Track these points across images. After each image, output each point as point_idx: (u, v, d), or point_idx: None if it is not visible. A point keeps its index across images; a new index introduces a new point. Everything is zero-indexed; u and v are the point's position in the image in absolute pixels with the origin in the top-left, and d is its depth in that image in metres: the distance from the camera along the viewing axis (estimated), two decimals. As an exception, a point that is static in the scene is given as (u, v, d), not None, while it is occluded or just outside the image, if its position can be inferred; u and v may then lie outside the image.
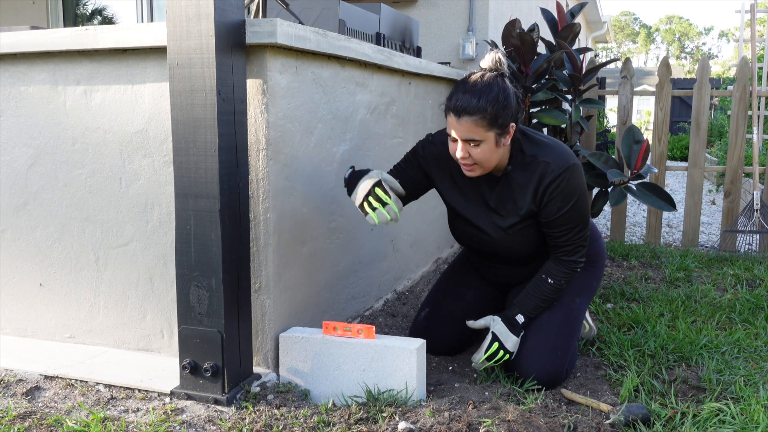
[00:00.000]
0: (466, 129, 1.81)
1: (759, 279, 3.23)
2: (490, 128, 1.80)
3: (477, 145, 1.83)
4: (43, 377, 1.94)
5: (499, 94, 1.79)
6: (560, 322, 2.03)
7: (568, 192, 1.90)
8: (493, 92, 1.79)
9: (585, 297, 2.15)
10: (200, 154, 1.71)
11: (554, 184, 1.89)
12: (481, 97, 1.78)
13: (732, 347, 2.27)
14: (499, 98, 1.79)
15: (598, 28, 14.28)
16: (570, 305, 2.07)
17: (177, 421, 1.69)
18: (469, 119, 1.79)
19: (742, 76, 4.09)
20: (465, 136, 1.82)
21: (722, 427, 1.68)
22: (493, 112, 1.78)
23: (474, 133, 1.81)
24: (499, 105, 1.79)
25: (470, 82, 1.82)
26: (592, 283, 2.20)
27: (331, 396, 1.87)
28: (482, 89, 1.79)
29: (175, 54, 1.70)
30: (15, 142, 2.15)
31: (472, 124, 1.80)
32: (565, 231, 1.95)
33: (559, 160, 1.89)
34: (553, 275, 1.99)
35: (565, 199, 1.90)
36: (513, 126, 1.86)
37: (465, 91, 1.80)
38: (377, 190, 1.90)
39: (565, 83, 3.38)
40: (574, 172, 1.90)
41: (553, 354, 1.97)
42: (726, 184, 4.16)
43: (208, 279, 1.74)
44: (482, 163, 1.87)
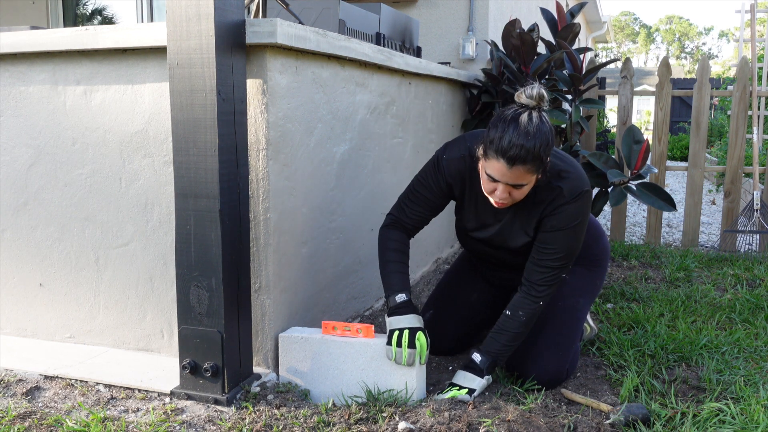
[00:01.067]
0: (516, 176, 1.72)
1: (759, 279, 3.23)
2: (537, 172, 1.74)
3: (520, 188, 1.76)
4: (43, 377, 1.94)
5: (549, 140, 1.70)
6: (562, 322, 2.02)
7: (569, 216, 1.85)
8: (543, 137, 1.68)
9: (588, 297, 2.14)
10: (200, 154, 1.71)
11: (561, 207, 1.84)
12: (535, 144, 1.67)
13: (732, 347, 2.27)
14: (549, 144, 1.71)
15: (598, 28, 14.28)
16: (573, 306, 2.06)
17: (177, 421, 1.69)
18: (522, 168, 1.69)
19: (742, 76, 4.09)
20: (515, 182, 1.73)
21: (722, 427, 1.68)
22: (544, 158, 1.72)
23: (523, 179, 1.73)
24: (547, 151, 1.71)
25: (521, 125, 1.68)
26: (595, 283, 2.18)
27: (331, 396, 1.87)
28: (535, 135, 1.67)
29: (175, 54, 1.70)
30: (15, 142, 2.15)
31: (524, 172, 1.71)
32: (550, 253, 1.88)
33: (573, 189, 1.84)
34: (523, 308, 1.91)
35: (562, 221, 1.85)
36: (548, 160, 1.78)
37: (518, 135, 1.67)
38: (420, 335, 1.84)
39: (565, 83, 3.38)
40: (582, 200, 1.85)
41: (554, 354, 1.97)
42: (726, 184, 4.16)
43: (208, 279, 1.74)
44: (518, 199, 1.82)
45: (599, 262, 2.19)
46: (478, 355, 1.92)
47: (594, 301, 2.24)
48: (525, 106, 1.73)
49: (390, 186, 2.69)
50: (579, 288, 2.11)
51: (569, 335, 2.03)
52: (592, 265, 2.16)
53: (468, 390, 1.86)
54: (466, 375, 1.90)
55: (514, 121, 1.70)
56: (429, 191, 1.99)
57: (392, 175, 2.72)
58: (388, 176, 2.69)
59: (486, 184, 1.80)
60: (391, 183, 2.71)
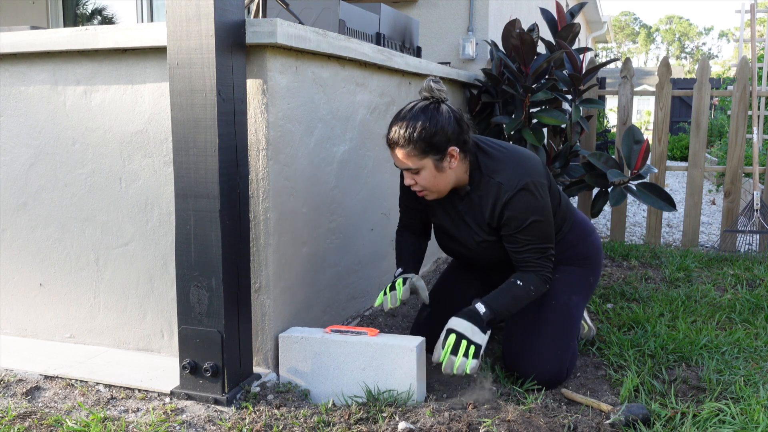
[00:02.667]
0: (401, 159, 1.86)
1: (759, 279, 3.23)
2: (423, 156, 1.83)
3: (417, 173, 1.87)
4: (43, 377, 1.94)
5: (427, 123, 1.81)
6: (559, 321, 2.03)
7: (523, 212, 1.88)
8: (419, 121, 1.81)
9: (582, 295, 2.14)
10: (200, 154, 1.71)
11: (509, 204, 1.88)
12: (407, 128, 1.81)
13: (732, 347, 2.27)
14: (427, 126, 1.80)
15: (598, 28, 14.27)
16: (567, 304, 2.07)
17: (177, 421, 1.69)
18: (400, 151, 1.84)
19: (742, 76, 4.09)
20: (402, 166, 1.87)
21: (722, 427, 1.68)
22: (423, 140, 1.81)
23: (408, 162, 1.84)
24: (428, 133, 1.80)
25: (401, 113, 1.86)
26: (588, 281, 2.18)
27: (331, 396, 1.87)
28: (409, 120, 1.82)
29: (175, 54, 1.70)
30: (15, 142, 2.15)
31: (404, 155, 1.84)
32: (526, 247, 1.92)
33: (512, 181, 1.88)
34: (534, 285, 1.94)
35: (521, 219, 1.89)
36: (455, 149, 1.85)
37: (394, 123, 1.85)
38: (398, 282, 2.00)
39: (565, 83, 3.38)
40: (528, 192, 1.88)
41: (553, 354, 1.97)
42: (726, 184, 4.16)
43: (208, 279, 1.74)
44: (429, 188, 1.90)
45: (590, 260, 2.18)
46: (482, 307, 1.87)
47: (589, 298, 2.24)
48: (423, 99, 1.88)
49: (390, 186, 2.69)
50: (571, 286, 2.10)
51: (566, 334, 2.03)
52: (583, 263, 2.16)
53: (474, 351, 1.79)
54: (470, 326, 1.83)
55: (398, 112, 1.89)
56: (404, 193, 2.15)
57: (392, 175, 2.72)
58: (388, 176, 2.69)
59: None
60: (391, 183, 2.71)
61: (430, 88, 1.86)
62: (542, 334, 1.99)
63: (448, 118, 1.84)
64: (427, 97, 1.87)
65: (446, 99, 1.89)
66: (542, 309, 2.04)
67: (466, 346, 1.80)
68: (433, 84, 1.85)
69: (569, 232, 2.15)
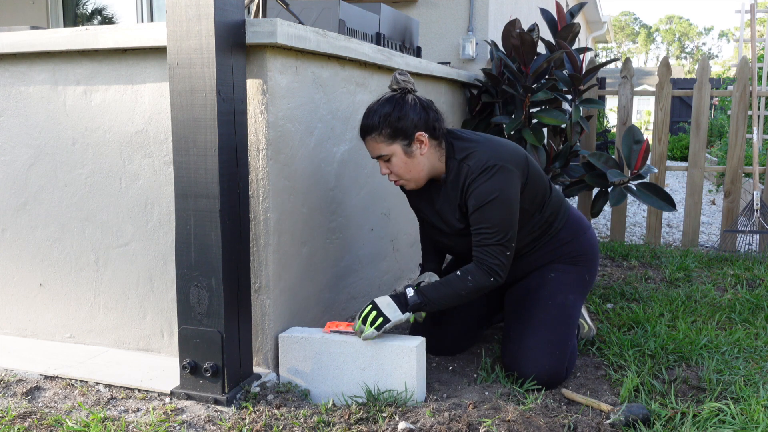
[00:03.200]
0: (371, 147, 1.94)
1: (759, 279, 3.23)
2: (391, 141, 1.90)
3: (388, 160, 1.93)
4: (43, 377, 1.94)
5: (392, 110, 1.89)
6: (556, 321, 2.02)
7: (483, 190, 1.89)
8: (386, 109, 1.89)
9: (578, 293, 2.13)
10: (200, 154, 1.71)
11: (473, 184, 1.91)
12: (373, 116, 1.90)
13: (732, 347, 2.27)
14: (392, 113, 1.88)
15: (598, 28, 14.28)
16: (564, 303, 2.06)
17: (177, 421, 1.69)
18: (369, 138, 1.93)
19: (742, 76, 4.09)
20: (373, 153, 1.95)
21: (722, 427, 1.68)
22: (388, 126, 1.88)
23: (378, 149, 1.92)
24: (393, 118, 1.88)
25: (370, 107, 1.95)
26: (584, 278, 2.17)
27: (331, 396, 1.87)
28: (376, 109, 1.91)
29: (175, 54, 1.70)
30: (15, 142, 2.15)
31: (373, 142, 1.92)
32: (480, 231, 1.92)
33: (479, 162, 1.91)
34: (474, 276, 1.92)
35: (479, 198, 1.89)
36: (422, 135, 1.90)
37: (365, 115, 1.94)
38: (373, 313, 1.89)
39: (565, 83, 3.38)
40: (492, 172, 1.89)
41: (551, 354, 1.97)
42: (726, 184, 4.16)
43: (208, 279, 1.74)
44: (403, 175, 1.95)
45: (584, 258, 2.16)
46: (412, 291, 1.93)
47: (586, 296, 2.23)
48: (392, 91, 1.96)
49: (390, 186, 2.69)
50: (566, 285, 2.10)
51: (563, 333, 2.02)
52: (577, 261, 2.15)
53: (380, 323, 1.84)
54: (390, 303, 1.89)
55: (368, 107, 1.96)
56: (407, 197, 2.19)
57: (392, 175, 2.72)
58: (388, 176, 2.69)
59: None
60: (391, 183, 2.71)
61: (396, 80, 1.94)
62: (539, 335, 1.99)
63: (413, 105, 1.92)
64: (395, 89, 1.95)
65: (414, 90, 1.96)
66: (538, 309, 2.03)
67: (375, 316, 1.86)
68: (399, 76, 1.94)
69: (562, 228, 2.14)
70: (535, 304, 2.05)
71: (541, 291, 2.07)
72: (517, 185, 1.94)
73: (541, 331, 2.00)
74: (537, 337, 1.99)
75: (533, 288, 2.09)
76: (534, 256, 2.13)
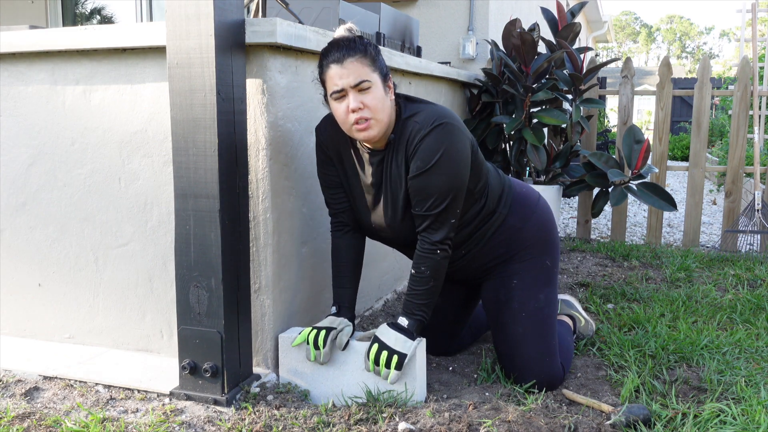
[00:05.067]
0: (353, 70, 1.71)
1: (760, 279, 3.22)
2: (374, 69, 1.73)
3: (368, 90, 1.72)
4: (42, 378, 1.94)
5: (368, 41, 1.77)
6: (535, 330, 1.96)
7: (429, 149, 1.74)
8: (363, 39, 1.77)
9: (547, 286, 2.00)
10: (200, 154, 1.70)
11: (421, 142, 1.75)
12: (357, 41, 1.74)
13: (733, 348, 2.26)
14: (370, 43, 1.76)
15: (598, 27, 14.27)
16: (537, 306, 1.97)
17: (176, 422, 1.69)
18: (353, 59, 1.71)
19: (743, 75, 4.09)
20: (356, 78, 1.70)
21: (723, 427, 1.67)
22: (374, 52, 1.75)
23: (363, 73, 1.71)
24: (373, 48, 1.76)
25: (340, 38, 1.77)
26: (546, 266, 2.00)
27: (331, 396, 1.87)
28: (352, 38, 1.76)
29: (175, 54, 1.70)
30: (14, 141, 2.15)
31: (358, 64, 1.71)
32: (424, 198, 1.77)
33: (428, 119, 1.76)
34: (423, 262, 1.82)
35: (425, 158, 1.74)
36: (391, 79, 1.80)
37: (339, 43, 1.75)
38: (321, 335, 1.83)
39: (565, 83, 3.38)
40: (442, 130, 1.74)
41: (541, 363, 1.94)
42: (727, 184, 4.16)
43: (208, 279, 1.74)
44: (377, 113, 1.73)
45: (539, 244, 2.00)
46: (405, 319, 1.82)
47: (556, 281, 2.06)
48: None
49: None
50: (532, 286, 1.98)
51: (548, 338, 1.97)
52: (532, 252, 1.99)
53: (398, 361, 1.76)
54: (398, 336, 1.78)
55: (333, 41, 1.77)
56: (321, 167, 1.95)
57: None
58: (389, 176, 2.69)
59: (338, 111, 1.75)
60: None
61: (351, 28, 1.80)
62: (525, 348, 1.94)
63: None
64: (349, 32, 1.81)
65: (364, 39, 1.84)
66: (515, 325, 1.96)
67: (387, 356, 1.77)
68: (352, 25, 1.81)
69: (510, 214, 1.97)
70: (510, 319, 1.97)
71: (512, 303, 1.97)
72: (467, 148, 1.79)
73: (526, 345, 1.95)
74: (523, 352, 1.95)
75: (503, 301, 1.99)
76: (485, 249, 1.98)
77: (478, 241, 1.97)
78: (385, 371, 1.78)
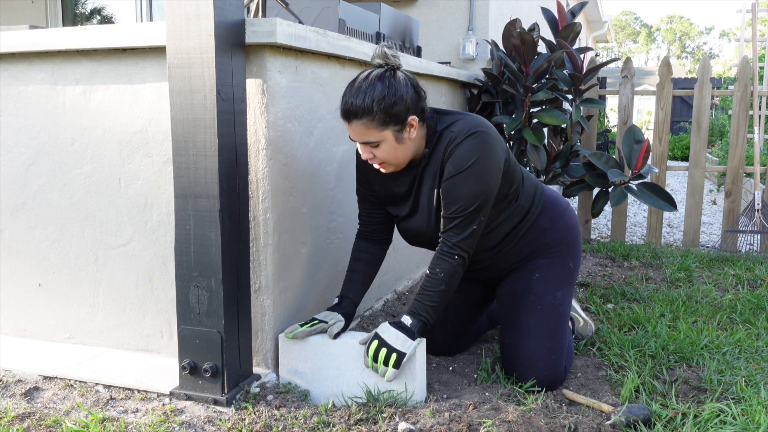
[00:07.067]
0: (358, 133, 1.74)
1: (760, 279, 3.22)
2: (384, 128, 1.73)
3: (377, 146, 1.76)
4: (42, 378, 1.94)
5: (386, 92, 1.70)
6: (548, 325, 1.98)
7: (463, 155, 1.77)
8: (378, 91, 1.70)
9: (566, 286, 2.05)
10: (200, 153, 1.70)
11: (456, 148, 1.78)
12: (365, 98, 1.69)
13: (733, 348, 2.26)
14: (387, 96, 1.70)
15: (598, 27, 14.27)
16: (552, 303, 2.00)
17: (176, 422, 1.69)
18: (358, 123, 1.72)
19: (743, 75, 4.09)
20: (360, 139, 1.76)
21: (723, 427, 1.67)
22: (382, 111, 1.70)
23: (367, 135, 1.74)
24: (387, 103, 1.70)
25: (356, 83, 1.74)
26: (569, 267, 2.06)
27: (331, 396, 1.87)
28: (366, 90, 1.70)
29: (175, 54, 1.70)
30: (14, 141, 2.15)
31: (362, 128, 1.72)
32: (451, 201, 1.80)
33: (465, 127, 1.79)
34: (439, 264, 1.84)
35: (457, 163, 1.78)
36: (414, 118, 1.76)
37: (350, 93, 1.72)
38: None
39: (565, 83, 3.38)
40: (476, 138, 1.78)
41: (547, 359, 1.95)
42: (727, 184, 4.16)
43: (208, 279, 1.74)
44: (389, 161, 1.80)
45: (565, 245, 2.06)
46: (409, 318, 1.82)
47: (574, 285, 2.12)
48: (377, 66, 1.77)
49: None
50: (552, 282, 2.02)
51: (557, 335, 1.99)
52: (558, 251, 2.05)
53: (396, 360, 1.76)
54: (398, 335, 1.78)
55: (352, 81, 1.75)
56: (360, 187, 2.03)
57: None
58: (389, 176, 2.69)
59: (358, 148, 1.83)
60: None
61: (384, 54, 1.74)
62: (533, 342, 1.96)
63: (406, 86, 1.74)
64: (381, 65, 1.76)
65: (401, 66, 1.79)
66: (528, 315, 1.98)
67: (386, 353, 1.77)
68: (387, 50, 1.74)
69: (540, 215, 2.03)
70: (524, 310, 2.00)
71: (529, 295, 2.00)
72: (500, 158, 1.83)
73: (535, 337, 1.96)
74: (531, 344, 1.96)
75: (520, 292, 2.02)
76: (515, 248, 2.03)
77: (511, 240, 2.02)
78: (382, 368, 1.78)
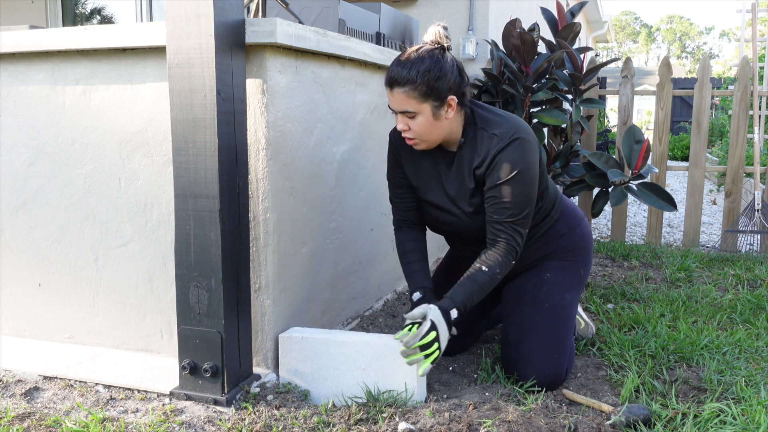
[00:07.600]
0: (398, 101, 1.79)
1: (760, 279, 3.22)
2: (424, 100, 1.77)
3: (413, 118, 1.80)
4: (42, 378, 1.94)
5: (432, 66, 1.76)
6: (554, 324, 2.00)
7: (511, 161, 1.82)
8: (425, 64, 1.76)
9: (575, 290, 2.09)
10: (200, 153, 1.70)
11: (500, 154, 1.83)
12: (411, 69, 1.75)
13: (733, 348, 2.26)
14: (432, 70, 1.76)
15: (598, 27, 14.28)
16: (561, 303, 2.03)
17: (176, 422, 1.69)
18: (400, 90, 1.77)
19: (743, 75, 4.09)
20: (399, 107, 1.80)
21: (723, 427, 1.67)
22: (425, 83, 1.76)
23: (407, 104, 1.78)
24: (432, 76, 1.76)
25: (405, 53, 1.80)
26: (579, 273, 2.12)
27: (331, 396, 1.87)
28: (414, 61, 1.77)
29: (175, 54, 1.70)
30: (14, 141, 2.15)
31: (404, 96, 1.77)
32: (503, 207, 1.85)
33: (507, 132, 1.84)
34: (487, 262, 1.87)
35: (505, 170, 1.82)
36: (453, 99, 1.81)
37: (398, 63, 1.79)
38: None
39: (565, 83, 3.38)
40: (519, 145, 1.83)
41: (550, 357, 1.95)
42: (727, 184, 4.16)
43: (208, 279, 1.74)
44: (422, 136, 1.84)
45: (579, 251, 2.11)
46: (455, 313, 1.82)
47: (581, 291, 2.16)
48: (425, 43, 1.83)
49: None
50: (562, 284, 2.06)
51: (562, 335, 2.00)
52: (572, 256, 2.10)
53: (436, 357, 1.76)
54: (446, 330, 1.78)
55: (401, 54, 1.82)
56: (392, 169, 2.06)
57: (392, 174, 2.71)
58: (389, 176, 2.69)
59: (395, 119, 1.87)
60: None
61: (440, 34, 1.81)
62: (538, 339, 1.97)
63: (452, 66, 1.80)
64: (434, 42, 1.82)
65: (451, 48, 1.85)
66: (535, 313, 2.00)
67: (435, 348, 1.76)
68: (442, 30, 1.81)
69: (558, 220, 2.09)
70: (532, 307, 2.02)
71: (538, 293, 2.03)
72: (538, 162, 1.89)
73: (540, 335, 1.98)
74: (535, 341, 1.97)
75: (529, 290, 2.05)
76: (530, 249, 2.07)
77: (527, 240, 2.04)
78: (426, 365, 1.75)
